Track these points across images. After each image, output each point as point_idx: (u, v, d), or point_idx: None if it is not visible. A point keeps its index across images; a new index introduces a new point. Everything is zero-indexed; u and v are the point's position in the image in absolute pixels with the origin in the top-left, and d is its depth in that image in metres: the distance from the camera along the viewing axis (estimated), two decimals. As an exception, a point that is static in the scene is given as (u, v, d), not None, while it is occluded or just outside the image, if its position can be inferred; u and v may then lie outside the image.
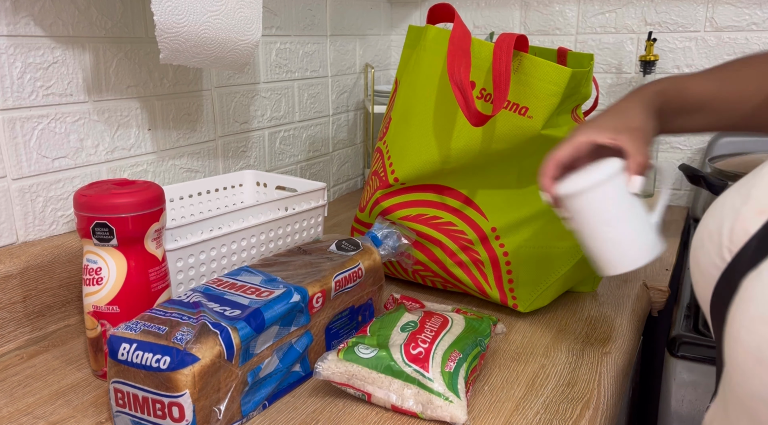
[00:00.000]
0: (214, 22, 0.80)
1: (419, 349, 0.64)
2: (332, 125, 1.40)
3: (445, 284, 0.90)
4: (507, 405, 0.65)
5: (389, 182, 0.86)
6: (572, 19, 1.41)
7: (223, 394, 0.58)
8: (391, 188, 0.86)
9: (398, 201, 0.87)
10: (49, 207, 0.84)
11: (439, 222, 0.85)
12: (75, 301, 0.83)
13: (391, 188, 0.86)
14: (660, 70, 1.34)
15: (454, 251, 0.85)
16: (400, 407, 0.62)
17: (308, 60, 1.29)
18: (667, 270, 1.03)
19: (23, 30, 0.78)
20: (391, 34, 1.62)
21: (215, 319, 0.59)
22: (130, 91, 0.92)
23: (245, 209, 0.82)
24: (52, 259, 0.79)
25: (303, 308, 0.67)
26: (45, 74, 0.81)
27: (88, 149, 0.88)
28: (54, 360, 0.74)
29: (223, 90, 1.09)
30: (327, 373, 0.63)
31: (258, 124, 1.18)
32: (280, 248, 0.89)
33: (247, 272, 0.71)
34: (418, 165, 0.83)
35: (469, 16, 1.52)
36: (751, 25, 1.26)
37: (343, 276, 0.73)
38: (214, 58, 0.84)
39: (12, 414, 0.63)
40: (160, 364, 0.54)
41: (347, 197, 1.47)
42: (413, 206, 0.86)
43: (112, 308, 0.66)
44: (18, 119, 0.79)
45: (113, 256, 0.66)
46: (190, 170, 1.05)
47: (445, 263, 0.86)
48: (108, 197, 0.64)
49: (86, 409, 0.64)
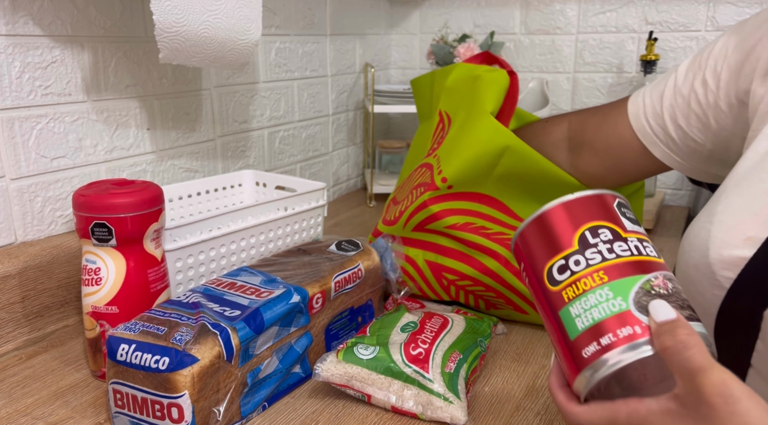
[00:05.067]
0: (213, 21, 0.80)
1: (419, 350, 0.64)
2: (332, 125, 1.40)
3: (495, 301, 0.82)
4: (507, 406, 0.65)
5: (437, 185, 0.81)
6: (573, 19, 1.41)
7: (223, 395, 0.58)
8: (439, 191, 0.81)
9: (447, 207, 0.81)
10: (47, 207, 0.84)
11: (489, 232, 0.81)
12: (74, 301, 0.83)
13: (438, 191, 0.81)
14: (661, 69, 1.34)
15: (509, 259, 0.80)
16: (400, 408, 0.62)
17: (308, 59, 1.28)
18: (668, 270, 1.02)
19: (22, 29, 0.78)
20: (391, 34, 1.62)
21: (214, 319, 0.59)
22: (129, 91, 0.92)
23: (245, 209, 0.82)
24: (51, 259, 0.79)
25: (303, 309, 0.66)
26: (44, 74, 0.81)
27: (86, 148, 0.87)
28: (53, 361, 0.74)
29: (222, 89, 1.08)
30: (326, 374, 0.63)
31: (257, 123, 1.18)
32: (280, 249, 0.88)
33: (246, 272, 0.71)
34: (465, 164, 0.79)
35: (470, 16, 1.52)
36: (752, 25, 1.26)
37: (342, 277, 0.72)
38: (214, 58, 0.84)
39: (11, 414, 0.63)
40: (159, 365, 0.54)
41: (347, 197, 1.46)
42: (462, 214, 0.81)
43: (111, 309, 0.66)
44: (17, 118, 0.78)
45: (112, 256, 0.65)
46: (190, 169, 1.04)
47: (500, 273, 0.79)
48: (107, 197, 0.64)
49: (85, 410, 0.64)
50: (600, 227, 0.44)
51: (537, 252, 0.46)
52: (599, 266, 0.43)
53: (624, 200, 0.48)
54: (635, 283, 0.42)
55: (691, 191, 1.39)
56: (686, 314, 0.41)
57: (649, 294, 0.41)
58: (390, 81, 1.65)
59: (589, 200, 0.46)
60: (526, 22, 1.46)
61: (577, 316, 0.43)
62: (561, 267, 0.44)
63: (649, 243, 0.45)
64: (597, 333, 0.41)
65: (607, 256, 0.43)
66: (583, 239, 0.44)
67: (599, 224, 0.44)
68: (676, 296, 0.42)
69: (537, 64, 1.47)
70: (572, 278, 0.43)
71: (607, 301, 0.41)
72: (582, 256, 0.43)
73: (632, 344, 0.40)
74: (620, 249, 0.43)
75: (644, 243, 0.45)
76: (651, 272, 0.42)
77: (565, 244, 0.45)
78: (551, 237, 0.46)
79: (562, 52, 1.44)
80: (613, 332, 0.40)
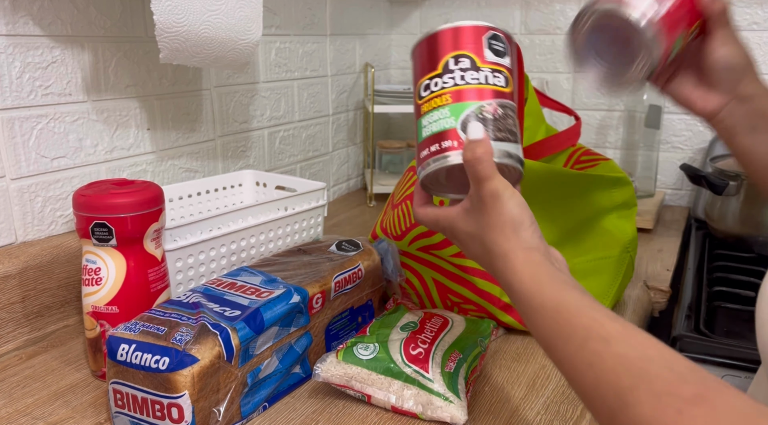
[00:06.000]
0: (213, 21, 0.80)
1: (419, 350, 0.64)
2: (332, 125, 1.40)
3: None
4: (507, 406, 0.65)
5: None
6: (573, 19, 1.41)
7: (223, 395, 0.58)
8: None
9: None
10: (48, 207, 0.84)
11: None
12: (74, 301, 0.83)
13: None
14: (660, 69, 1.34)
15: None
16: (400, 408, 0.62)
17: (308, 59, 1.28)
18: (668, 270, 1.02)
19: (22, 29, 0.78)
20: (391, 34, 1.62)
21: (215, 320, 0.59)
22: (129, 91, 0.92)
23: (245, 209, 0.82)
24: (51, 259, 0.79)
25: (303, 309, 0.66)
26: (44, 74, 0.81)
27: (87, 148, 0.87)
28: (53, 361, 0.74)
29: (222, 89, 1.08)
30: (326, 375, 0.63)
31: (257, 123, 1.18)
32: (280, 248, 0.88)
33: (246, 272, 0.71)
34: None
35: (470, 16, 1.52)
36: (752, 25, 1.26)
37: (342, 277, 0.72)
38: (214, 58, 0.84)
39: (11, 414, 0.63)
40: (159, 365, 0.54)
41: (347, 197, 1.46)
42: None
43: (111, 309, 0.66)
44: (17, 118, 0.78)
45: (112, 256, 0.65)
46: (190, 169, 1.04)
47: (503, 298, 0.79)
48: (107, 197, 0.64)
49: (85, 410, 0.64)
50: (462, 56, 0.52)
51: (417, 69, 0.55)
52: (449, 89, 0.51)
53: (501, 32, 0.54)
54: (468, 107, 0.51)
55: (691, 191, 1.39)
56: (501, 135, 0.51)
57: (477, 117, 0.50)
58: (390, 81, 1.65)
59: (466, 30, 0.53)
60: (526, 22, 1.46)
61: (424, 127, 0.53)
62: (425, 86, 0.53)
63: (501, 74, 0.52)
64: (431, 141, 0.52)
65: (458, 82, 0.51)
66: (446, 65, 0.52)
67: (462, 53, 0.52)
68: (501, 121, 0.51)
69: (537, 64, 1.47)
70: (429, 96, 0.52)
71: (444, 119, 0.51)
72: (441, 79, 0.52)
73: (447, 154, 0.51)
74: (470, 77, 0.51)
75: (496, 73, 0.52)
76: (487, 99, 0.51)
77: (433, 66, 0.53)
78: (428, 58, 0.54)
79: (562, 52, 1.44)
80: (439, 143, 0.51)
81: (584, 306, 0.43)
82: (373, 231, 0.90)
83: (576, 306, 0.43)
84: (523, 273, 0.47)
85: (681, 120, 1.36)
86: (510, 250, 0.48)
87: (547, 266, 0.47)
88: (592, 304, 0.43)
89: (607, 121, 1.43)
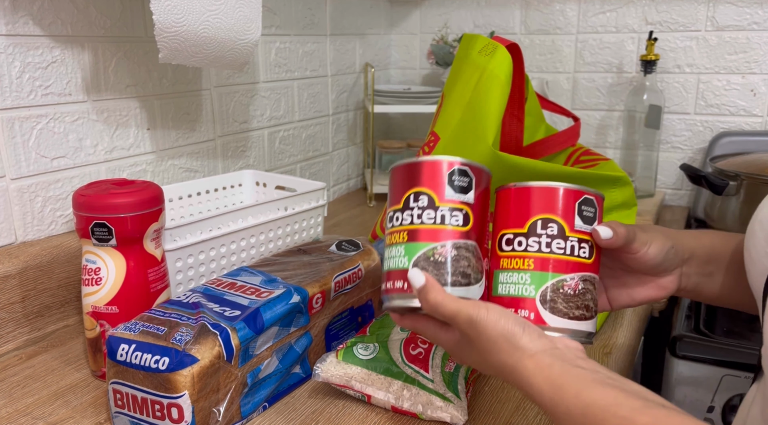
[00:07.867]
0: (213, 21, 0.80)
1: (419, 350, 0.64)
2: (332, 125, 1.40)
3: None
4: (507, 406, 0.65)
5: None
6: (573, 19, 1.41)
7: (223, 395, 0.58)
8: None
9: None
10: (47, 207, 0.84)
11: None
12: (74, 301, 0.83)
13: None
14: (661, 69, 1.34)
15: None
16: (400, 408, 0.62)
17: (308, 59, 1.28)
18: (668, 270, 1.02)
19: (22, 29, 0.78)
20: (391, 34, 1.62)
21: (214, 320, 0.59)
22: (129, 91, 0.92)
23: (245, 209, 0.82)
24: (51, 259, 0.79)
25: (303, 309, 0.66)
26: (44, 74, 0.81)
27: (87, 148, 0.87)
28: (53, 361, 0.74)
29: (222, 89, 1.08)
30: (326, 375, 0.63)
31: (257, 123, 1.18)
32: (280, 248, 0.88)
33: (246, 272, 0.71)
34: None
35: (470, 16, 1.52)
36: (752, 25, 1.26)
37: (342, 277, 0.72)
38: (214, 58, 0.84)
39: (11, 414, 0.63)
40: (159, 365, 0.54)
41: (347, 197, 1.46)
42: None
43: (111, 309, 0.66)
44: (17, 118, 0.78)
45: (112, 256, 0.65)
46: (190, 169, 1.04)
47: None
48: (107, 197, 0.64)
49: (85, 410, 0.64)
50: (421, 194, 0.52)
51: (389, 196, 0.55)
52: (406, 227, 0.52)
53: (468, 165, 0.53)
54: (421, 249, 0.51)
55: (691, 191, 1.39)
56: (452, 280, 0.50)
57: (427, 260, 0.50)
58: (390, 81, 1.65)
59: (428, 165, 0.52)
60: (526, 22, 1.46)
61: (387, 259, 0.53)
62: (390, 217, 0.54)
63: (461, 212, 0.51)
64: (393, 276, 0.52)
65: (414, 221, 0.52)
66: (407, 201, 0.52)
67: (420, 191, 0.52)
68: (453, 263, 0.50)
69: (537, 64, 1.47)
70: (391, 230, 0.53)
71: (400, 257, 0.52)
72: (402, 214, 0.52)
73: (410, 296, 0.51)
74: (426, 217, 0.51)
75: (455, 212, 0.51)
76: (440, 241, 0.51)
77: (397, 199, 0.53)
78: (395, 189, 0.54)
79: (562, 52, 1.44)
80: (393, 282, 0.52)
81: (610, 405, 0.41)
82: (373, 231, 0.90)
83: (602, 408, 0.41)
84: (539, 384, 0.44)
85: (681, 120, 1.36)
86: (516, 363, 0.46)
87: (559, 368, 0.44)
88: (617, 400, 0.41)
89: (607, 121, 1.43)
